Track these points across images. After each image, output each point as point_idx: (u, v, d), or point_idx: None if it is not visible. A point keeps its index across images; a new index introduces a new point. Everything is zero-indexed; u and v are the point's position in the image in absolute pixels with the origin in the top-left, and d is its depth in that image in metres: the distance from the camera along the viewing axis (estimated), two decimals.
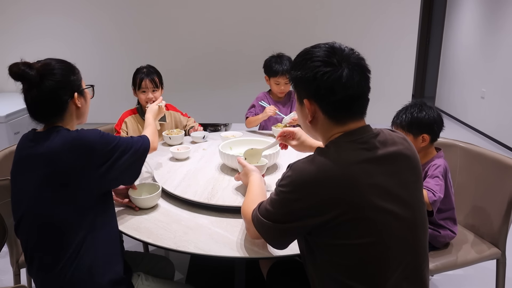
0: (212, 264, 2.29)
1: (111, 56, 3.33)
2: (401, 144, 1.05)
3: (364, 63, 1.04)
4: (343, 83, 0.98)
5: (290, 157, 1.85)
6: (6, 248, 1.65)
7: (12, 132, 2.82)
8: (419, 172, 1.07)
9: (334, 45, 1.03)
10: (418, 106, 1.68)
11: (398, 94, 3.24)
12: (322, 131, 1.07)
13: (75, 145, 1.17)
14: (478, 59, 5.26)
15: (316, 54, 1.01)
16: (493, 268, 1.79)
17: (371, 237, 0.96)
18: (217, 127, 3.93)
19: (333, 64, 0.99)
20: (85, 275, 1.19)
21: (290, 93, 2.66)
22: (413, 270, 1.03)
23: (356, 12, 3.26)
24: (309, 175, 0.96)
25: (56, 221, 1.17)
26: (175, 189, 1.58)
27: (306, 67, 1.01)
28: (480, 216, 1.83)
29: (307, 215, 0.97)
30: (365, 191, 0.95)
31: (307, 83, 1.01)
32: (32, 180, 1.18)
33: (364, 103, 1.04)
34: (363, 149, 0.99)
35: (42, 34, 3.28)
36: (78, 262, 1.18)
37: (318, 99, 1.02)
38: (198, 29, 3.31)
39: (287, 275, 1.40)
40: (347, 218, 0.94)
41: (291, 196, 0.98)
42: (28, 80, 1.19)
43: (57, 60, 1.28)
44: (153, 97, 2.22)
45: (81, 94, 1.31)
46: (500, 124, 4.75)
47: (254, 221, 1.11)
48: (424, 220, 1.06)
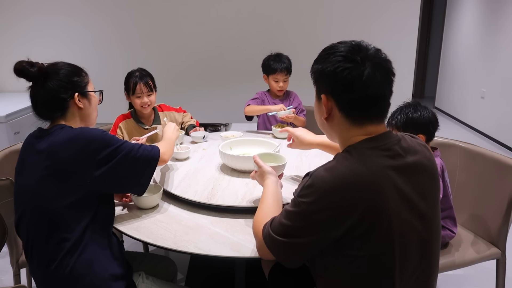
0: (212, 264, 2.29)
1: (111, 56, 3.33)
2: (422, 153, 1.02)
3: (390, 65, 1.00)
4: (362, 81, 0.95)
5: (290, 157, 1.84)
6: (6, 248, 1.65)
7: (12, 132, 2.82)
8: (437, 182, 1.05)
9: (360, 43, 1.01)
10: (413, 106, 1.67)
11: (398, 94, 3.20)
12: (338, 131, 1.03)
13: (76, 140, 1.20)
14: (478, 59, 5.26)
15: (339, 49, 0.99)
16: (493, 268, 1.79)
17: (386, 246, 0.93)
18: (217, 127, 3.93)
19: (355, 61, 0.96)
20: (85, 269, 1.20)
21: (288, 92, 2.67)
22: (423, 282, 1.02)
23: (356, 12, 3.26)
24: (333, 182, 0.91)
25: (55, 216, 1.19)
26: (175, 189, 1.58)
27: (327, 61, 0.99)
28: (480, 216, 1.83)
29: (330, 227, 0.92)
30: (388, 199, 0.91)
31: (326, 78, 0.99)
32: (34, 174, 1.21)
33: (384, 106, 1.00)
34: (386, 156, 0.95)
35: (42, 34, 3.28)
36: (78, 256, 1.20)
37: (336, 95, 0.99)
38: (198, 28, 3.32)
39: (288, 275, 1.40)
40: (366, 225, 0.90)
41: (314, 207, 0.92)
42: (27, 77, 1.25)
43: (66, 63, 1.34)
44: (148, 101, 2.14)
45: (84, 96, 1.34)
46: (500, 124, 4.75)
47: (266, 240, 1.03)
48: (438, 232, 1.04)
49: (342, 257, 0.96)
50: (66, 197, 1.18)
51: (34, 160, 1.23)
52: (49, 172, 1.18)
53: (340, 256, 0.96)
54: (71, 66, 1.34)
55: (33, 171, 1.21)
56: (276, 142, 2.01)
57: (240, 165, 1.72)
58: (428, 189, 1.00)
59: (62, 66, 1.31)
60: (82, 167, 1.19)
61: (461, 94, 5.75)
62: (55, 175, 1.18)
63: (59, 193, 1.18)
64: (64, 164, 1.18)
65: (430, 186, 1.01)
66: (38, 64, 1.26)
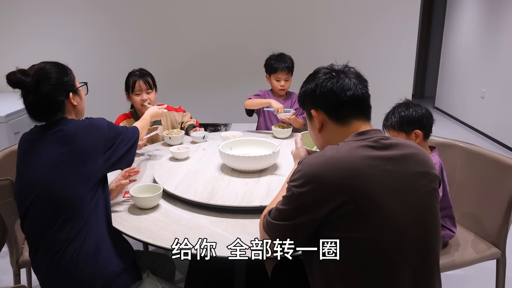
0: (212, 265, 2.29)
1: (111, 55, 3.33)
2: (412, 148, 1.07)
3: (361, 74, 1.16)
4: (341, 86, 1.10)
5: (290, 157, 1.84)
6: (6, 248, 1.65)
7: (12, 132, 2.82)
8: (431, 175, 1.06)
9: (332, 65, 1.18)
10: (404, 104, 1.70)
11: (398, 94, 3.20)
12: (331, 137, 1.13)
13: (91, 129, 1.32)
14: (478, 59, 5.26)
15: (317, 71, 1.17)
16: (493, 268, 1.79)
17: (376, 231, 0.97)
18: (217, 127, 3.93)
19: (331, 74, 1.13)
20: (90, 257, 1.27)
21: (290, 93, 2.67)
22: (424, 277, 1.03)
23: (356, 12, 3.26)
24: (317, 166, 0.99)
25: (68, 202, 1.26)
26: (175, 189, 1.58)
27: (309, 82, 1.16)
28: (480, 216, 1.83)
29: (316, 206, 0.99)
30: (372, 185, 0.97)
31: (311, 93, 1.14)
32: (47, 164, 1.26)
33: (366, 105, 1.14)
34: (372, 147, 1.03)
35: (42, 34, 3.28)
36: (82, 243, 1.26)
37: (322, 104, 1.13)
38: (198, 28, 3.32)
39: (291, 274, 1.40)
40: (352, 207, 0.96)
41: (301, 189, 1.00)
42: (24, 87, 1.28)
43: (51, 63, 1.35)
44: (147, 98, 2.18)
45: (76, 93, 1.39)
46: (500, 124, 4.75)
47: (265, 227, 1.11)
48: (434, 223, 1.06)
49: (336, 243, 0.99)
50: (80, 181, 1.27)
51: (46, 151, 1.27)
52: (67, 158, 1.26)
53: (332, 236, 1.00)
54: (58, 66, 1.36)
55: (45, 162, 1.26)
56: (276, 142, 2.01)
57: (240, 165, 1.72)
58: (418, 180, 1.03)
59: (50, 69, 1.33)
60: (97, 152, 1.31)
61: (461, 94, 5.75)
62: (73, 161, 1.26)
63: (75, 178, 1.26)
64: (82, 150, 1.28)
65: (420, 177, 1.04)
66: (30, 72, 1.28)
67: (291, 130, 2.40)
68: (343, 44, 3.28)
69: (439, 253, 1.08)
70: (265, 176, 1.72)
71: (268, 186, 1.61)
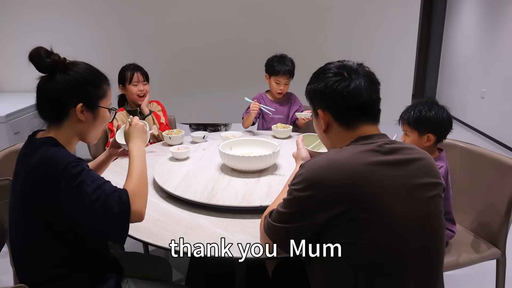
0: (212, 265, 2.29)
1: (112, 56, 3.33)
2: (416, 153, 1.05)
3: (374, 76, 1.12)
4: (351, 90, 1.06)
5: (290, 157, 1.84)
6: (6, 248, 1.65)
7: (12, 132, 2.82)
8: (435, 181, 1.05)
9: (344, 62, 1.13)
10: (429, 104, 1.64)
11: (398, 94, 3.23)
12: (336, 139, 1.11)
13: (42, 171, 1.06)
14: (478, 59, 5.26)
15: (328, 68, 1.12)
16: (493, 268, 1.79)
17: (379, 236, 0.95)
18: (217, 127, 3.93)
19: (342, 75, 1.08)
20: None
21: (289, 94, 2.67)
22: (427, 282, 1.02)
23: (356, 13, 3.26)
24: (319, 171, 0.98)
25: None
26: (175, 189, 1.58)
27: (318, 80, 1.11)
28: (480, 216, 1.83)
29: (317, 211, 0.97)
30: (375, 191, 0.95)
31: (320, 94, 1.10)
32: (14, 195, 1.17)
33: (374, 110, 1.10)
34: (377, 152, 1.00)
35: (42, 34, 3.28)
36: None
37: (330, 107, 1.09)
38: (198, 29, 3.32)
39: (292, 275, 1.40)
40: (355, 213, 0.94)
41: (303, 193, 0.99)
42: (37, 64, 1.12)
43: (90, 66, 1.21)
44: (144, 89, 2.34)
45: (90, 109, 1.18)
46: (500, 124, 4.75)
47: (265, 229, 1.10)
48: (439, 228, 1.05)
49: (339, 246, 0.98)
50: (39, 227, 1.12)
51: (15, 180, 1.16)
52: (22, 200, 1.13)
53: (334, 243, 0.99)
54: (93, 73, 1.20)
55: (13, 192, 1.16)
56: (276, 142, 2.01)
57: (240, 165, 1.72)
58: (422, 185, 1.01)
59: (80, 68, 1.17)
60: (48, 200, 1.08)
61: (461, 94, 5.75)
62: (25, 204, 1.12)
63: (31, 220, 1.12)
64: (34, 196, 1.10)
65: (425, 181, 1.02)
66: (55, 57, 1.13)
67: (291, 130, 2.41)
68: (343, 44, 3.28)
69: (443, 259, 1.07)
70: (265, 176, 1.72)
71: (268, 186, 1.61)
